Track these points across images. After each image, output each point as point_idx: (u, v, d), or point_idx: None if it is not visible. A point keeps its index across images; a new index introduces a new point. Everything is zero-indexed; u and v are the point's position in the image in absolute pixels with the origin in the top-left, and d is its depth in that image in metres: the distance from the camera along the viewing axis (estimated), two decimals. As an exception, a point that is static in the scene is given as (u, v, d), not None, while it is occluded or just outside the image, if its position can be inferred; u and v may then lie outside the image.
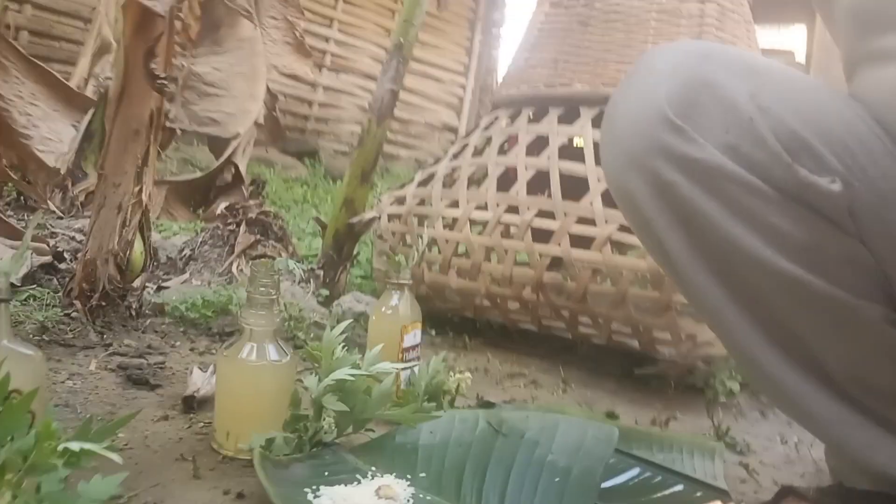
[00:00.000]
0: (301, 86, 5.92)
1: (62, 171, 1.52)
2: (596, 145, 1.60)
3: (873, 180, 0.79)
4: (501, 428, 0.99)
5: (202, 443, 0.98)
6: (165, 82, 1.31)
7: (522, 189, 1.62)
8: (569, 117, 1.68)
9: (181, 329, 1.42)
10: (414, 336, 1.19)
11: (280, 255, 1.79)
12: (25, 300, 1.36)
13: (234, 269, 1.71)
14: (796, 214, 0.79)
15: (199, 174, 2.85)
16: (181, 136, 3.33)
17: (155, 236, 2.44)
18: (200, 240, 1.83)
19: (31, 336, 1.22)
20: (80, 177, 2.69)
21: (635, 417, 1.36)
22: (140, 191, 1.34)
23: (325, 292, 1.70)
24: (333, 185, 4.86)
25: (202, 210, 2.81)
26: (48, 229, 2.12)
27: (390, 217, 1.81)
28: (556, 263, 1.58)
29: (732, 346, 0.88)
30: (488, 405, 1.21)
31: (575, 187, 1.57)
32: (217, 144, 3.03)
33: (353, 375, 0.94)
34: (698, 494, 1.01)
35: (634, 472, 1.06)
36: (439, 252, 1.70)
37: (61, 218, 2.46)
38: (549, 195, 1.59)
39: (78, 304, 1.32)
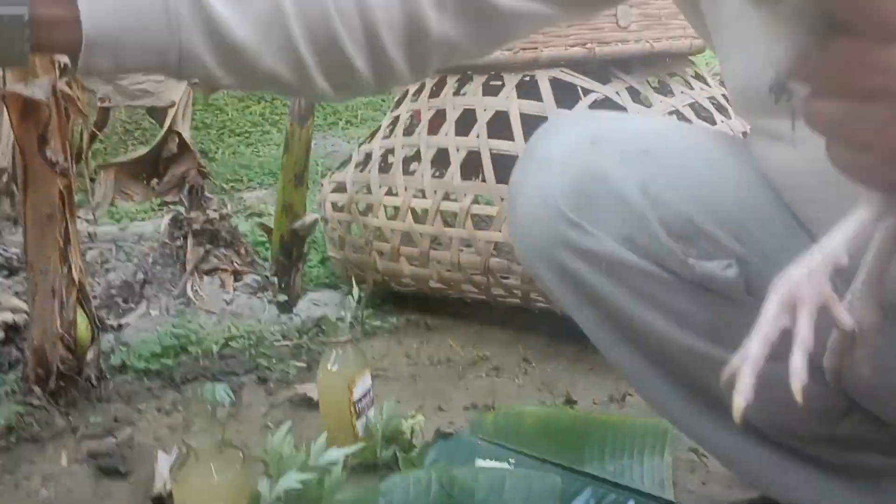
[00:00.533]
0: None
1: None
2: (523, 117, 1.57)
3: (771, 254, 0.79)
4: (453, 490, 1.04)
5: (176, 551, 1.04)
6: (66, 166, 1.27)
7: (457, 173, 1.60)
8: (493, 89, 1.64)
9: (145, 385, 1.45)
10: (363, 384, 1.23)
11: (233, 263, 1.79)
12: (-14, 390, 1.39)
13: (188, 290, 1.73)
14: (696, 296, 0.80)
15: (142, 150, 2.80)
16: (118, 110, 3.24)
17: (113, 230, 2.44)
18: (152, 260, 1.82)
19: (-2, 440, 1.26)
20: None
21: (593, 396, 1.42)
22: (69, 269, 1.33)
23: (282, 297, 1.72)
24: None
25: (156, 184, 2.79)
26: None
27: (334, 206, 1.80)
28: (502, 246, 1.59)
29: (655, 405, 0.92)
30: (446, 436, 1.26)
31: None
32: (157, 114, 2.96)
33: (301, 481, 0.99)
34: (647, 511, 1.08)
35: (587, 494, 1.12)
36: (385, 241, 1.70)
37: (14, 223, 2.44)
38: (484, 178, 1.57)
39: (37, 389, 1.35)
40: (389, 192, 1.70)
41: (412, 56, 0.78)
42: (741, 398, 0.50)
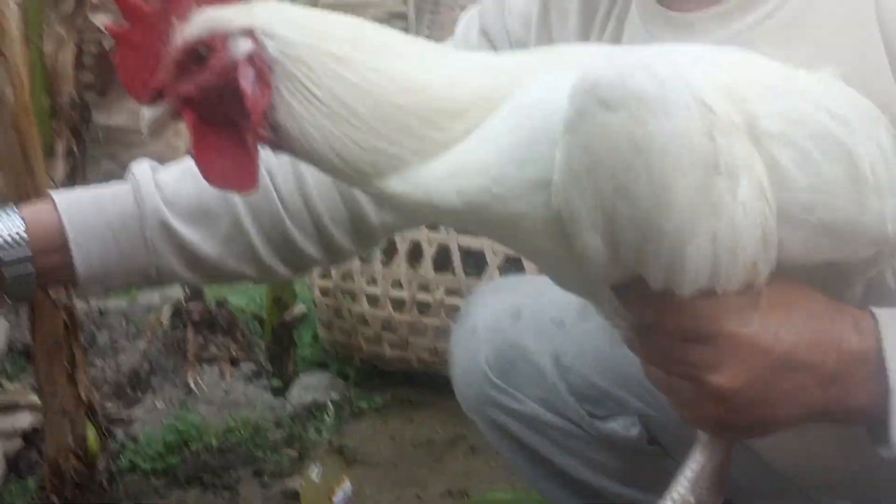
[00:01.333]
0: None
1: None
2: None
3: (669, 407, 0.92)
4: None
5: None
6: (67, 301, 1.41)
7: (429, 267, 1.73)
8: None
9: (152, 485, 1.60)
10: (343, 493, 1.36)
11: (230, 351, 1.93)
12: (10, 500, 1.54)
13: (190, 381, 1.87)
14: (608, 448, 0.93)
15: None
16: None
17: (122, 304, 2.59)
18: (156, 349, 1.97)
19: (21, 553, 1.41)
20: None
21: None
22: (77, 390, 1.48)
23: (276, 383, 1.86)
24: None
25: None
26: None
27: (321, 291, 1.92)
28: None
29: None
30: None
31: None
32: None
33: None
34: None
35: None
36: (369, 325, 1.83)
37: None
38: (454, 272, 1.70)
39: (54, 498, 1.49)
40: (370, 282, 1.83)
41: (358, 238, 0.91)
42: None
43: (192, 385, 1.86)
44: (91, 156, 2.66)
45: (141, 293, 2.68)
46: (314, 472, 1.34)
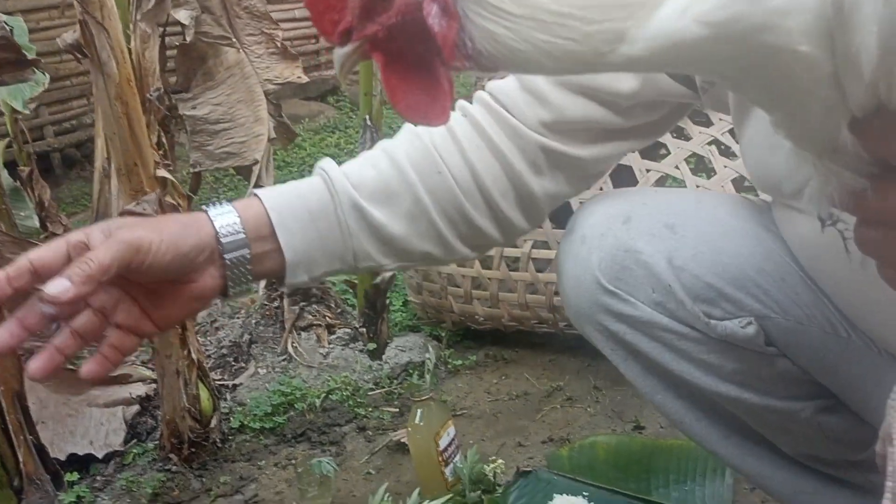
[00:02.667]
0: (301, 24, 5.90)
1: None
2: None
3: (787, 309, 0.91)
4: (531, 530, 1.20)
5: None
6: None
7: (516, 221, 1.75)
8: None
9: (262, 443, 1.66)
10: (447, 436, 1.39)
11: (325, 318, 1.99)
12: (132, 460, 1.62)
13: (289, 347, 1.93)
14: (724, 350, 0.92)
15: (234, 208, 3.03)
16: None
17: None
18: (255, 321, 2.04)
19: (147, 505, 1.49)
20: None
21: (660, 420, 1.55)
22: (189, 352, 1.55)
23: (371, 346, 1.90)
24: (361, 125, 4.94)
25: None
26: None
27: (409, 256, 1.97)
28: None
29: (697, 442, 1.05)
30: (525, 474, 1.41)
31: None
32: (243, 170, 3.19)
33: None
34: (708, 535, 1.21)
35: (654, 522, 1.26)
36: (459, 286, 1.86)
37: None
38: (541, 225, 1.71)
39: (174, 456, 1.57)
40: (457, 242, 1.86)
41: (526, 212, 0.95)
42: None
43: (292, 351, 1.92)
44: (178, 144, 2.78)
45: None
46: (418, 417, 1.37)
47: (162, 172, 1.50)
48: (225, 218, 0.82)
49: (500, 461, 1.38)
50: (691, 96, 0.93)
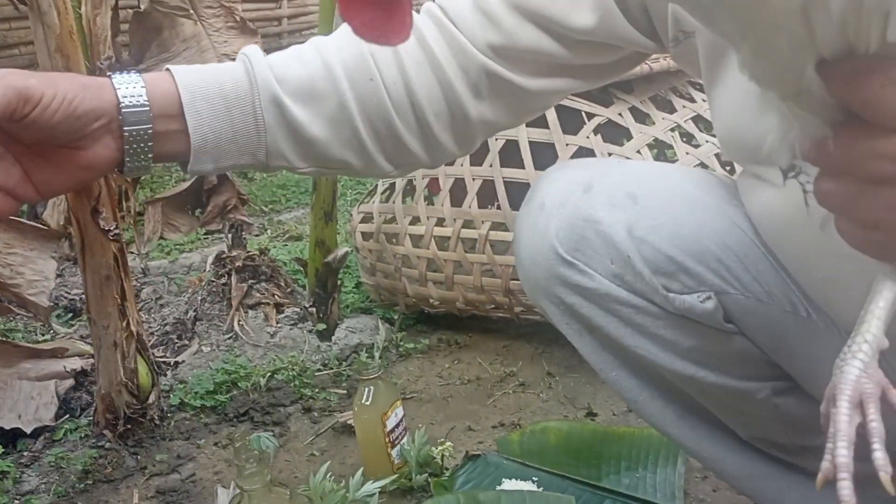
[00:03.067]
0: (264, 4, 5.79)
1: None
2: (532, 145, 1.66)
3: (747, 285, 0.88)
4: (479, 513, 1.16)
5: (239, 580, 1.18)
6: (118, 232, 1.41)
7: (474, 202, 1.70)
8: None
9: (202, 422, 1.59)
10: (395, 417, 1.34)
11: (274, 297, 1.93)
12: (63, 436, 1.54)
13: (235, 325, 1.86)
14: (681, 325, 0.89)
15: (184, 185, 2.95)
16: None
17: (164, 263, 2.60)
18: (201, 297, 1.97)
19: (76, 483, 1.41)
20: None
21: (612, 408, 1.52)
22: (128, 324, 1.48)
23: (321, 326, 1.85)
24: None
25: (200, 213, 2.93)
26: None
27: (363, 235, 1.91)
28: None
29: (650, 423, 1.02)
30: (474, 458, 1.37)
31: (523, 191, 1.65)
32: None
33: (342, 516, 1.11)
34: (659, 521, 1.19)
35: (604, 508, 1.23)
36: (413, 267, 1.81)
37: (74, 264, 2.61)
38: (499, 206, 1.67)
39: (108, 433, 1.50)
40: (413, 221, 1.81)
41: (458, 136, 0.91)
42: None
43: (238, 330, 1.85)
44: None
45: (182, 254, 2.70)
46: (366, 396, 1.32)
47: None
48: (130, 88, 0.77)
49: (448, 444, 1.34)
50: (648, 47, 0.91)
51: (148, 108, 0.77)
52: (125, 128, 0.76)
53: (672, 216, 0.89)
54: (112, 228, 1.40)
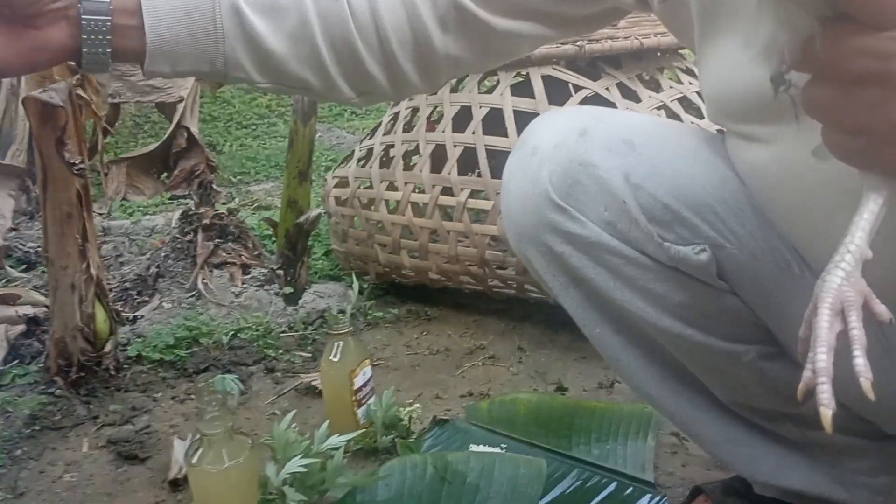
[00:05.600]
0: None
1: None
2: (517, 114, 1.63)
3: (742, 240, 0.86)
4: (446, 474, 1.12)
5: (191, 530, 1.12)
6: (83, 167, 1.34)
7: (454, 169, 1.67)
8: (488, 87, 1.70)
9: (160, 375, 1.53)
10: (363, 375, 1.30)
11: (241, 257, 1.87)
12: (11, 381, 1.47)
13: (199, 283, 1.80)
14: (672, 279, 0.87)
15: (152, 145, 2.87)
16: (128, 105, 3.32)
17: (126, 224, 2.52)
18: (164, 254, 1.91)
19: (22, 428, 1.35)
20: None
21: (583, 384, 1.50)
22: (88, 266, 1.41)
23: (288, 290, 1.80)
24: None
25: (166, 178, 2.86)
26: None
27: (337, 200, 1.87)
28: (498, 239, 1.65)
29: (630, 383, 0.99)
30: (442, 423, 1.34)
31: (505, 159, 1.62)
32: (166, 109, 3.02)
33: (305, 465, 1.07)
34: (629, 492, 1.16)
35: (573, 476, 1.20)
36: (387, 234, 1.77)
37: (30, 218, 2.52)
38: (480, 174, 1.64)
39: (59, 380, 1.43)
40: (390, 187, 1.77)
41: (422, 69, 0.88)
42: (827, 410, 0.53)
43: (202, 288, 1.79)
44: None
45: (145, 216, 2.63)
46: (334, 352, 1.28)
47: (76, 62, 1.36)
48: None
49: (416, 406, 1.31)
50: (628, 3, 0.89)
51: (108, 0, 0.75)
52: (83, 16, 0.75)
53: (670, 165, 0.86)
54: (77, 162, 1.34)
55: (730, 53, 0.80)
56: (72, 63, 1.37)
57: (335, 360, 1.29)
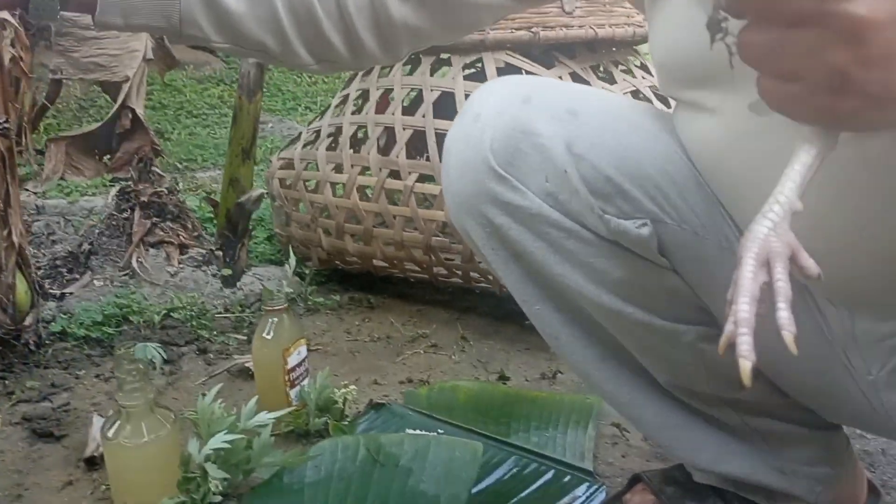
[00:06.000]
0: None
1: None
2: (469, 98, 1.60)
3: (684, 216, 0.84)
4: (379, 456, 1.08)
5: (105, 510, 1.06)
6: (7, 126, 1.27)
7: (402, 152, 1.63)
8: (440, 70, 1.67)
9: (85, 352, 1.46)
10: (298, 355, 1.25)
11: (179, 237, 1.80)
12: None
13: (133, 262, 1.73)
14: (613, 254, 0.84)
15: (94, 125, 2.76)
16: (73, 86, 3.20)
17: (62, 203, 2.42)
18: (98, 231, 1.83)
19: (-69, 402, 1.26)
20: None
21: (525, 374, 1.47)
22: (9, 233, 1.34)
23: (226, 272, 1.74)
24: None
25: (108, 160, 2.75)
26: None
27: (281, 183, 1.81)
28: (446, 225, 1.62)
29: (570, 363, 0.96)
30: (378, 406, 1.29)
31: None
32: (110, 87, 2.91)
33: (230, 441, 1.01)
34: (566, 480, 1.13)
35: (510, 463, 1.17)
36: (331, 218, 1.72)
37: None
38: (429, 158, 1.60)
39: (-27, 352, 1.35)
40: (336, 169, 1.72)
41: (381, 38, 0.87)
42: (746, 362, 0.50)
43: (136, 266, 1.72)
44: (41, 48, 2.50)
45: (83, 196, 2.53)
46: (268, 328, 1.23)
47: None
48: None
49: (351, 387, 1.26)
50: None
51: None
52: None
53: (613, 137, 0.84)
54: (2, 122, 1.26)
55: (676, 12, 0.78)
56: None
57: (268, 337, 1.23)
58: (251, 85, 1.68)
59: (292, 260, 1.29)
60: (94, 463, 1.15)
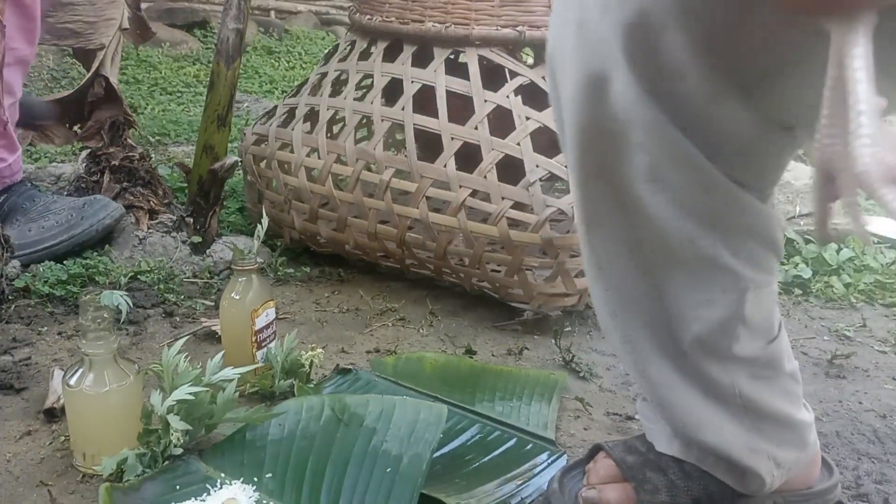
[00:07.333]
0: (180, -52, 5.53)
1: None
2: (449, 94, 1.58)
3: None
4: (343, 416, 1.08)
5: (64, 460, 1.05)
6: (-20, 75, 1.25)
7: (380, 145, 1.60)
8: (424, 57, 1.64)
9: (48, 310, 1.44)
10: (266, 317, 1.25)
11: (149, 202, 1.78)
12: None
13: (101, 225, 1.71)
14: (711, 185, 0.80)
15: (66, 92, 2.72)
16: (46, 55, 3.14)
17: (30, 168, 2.38)
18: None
19: None
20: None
21: (492, 349, 1.47)
22: (-23, 184, 1.31)
23: (196, 239, 1.72)
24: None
25: (79, 129, 2.71)
26: None
27: (255, 158, 1.79)
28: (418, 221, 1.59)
29: (604, 285, 0.91)
30: (345, 371, 1.29)
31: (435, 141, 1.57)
32: (84, 56, 2.87)
33: (193, 394, 1.01)
34: (528, 447, 1.14)
35: (474, 430, 1.18)
36: (304, 202, 1.69)
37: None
38: (406, 155, 1.58)
39: (-68, 305, 1.33)
40: (311, 153, 1.69)
41: None
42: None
43: (103, 229, 1.70)
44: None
45: (50, 164, 2.49)
46: (237, 288, 1.22)
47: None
48: None
49: (319, 350, 1.26)
50: None
51: None
52: None
53: None
54: (-26, 69, 1.24)
55: None
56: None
57: (236, 297, 1.23)
58: (230, 51, 1.66)
59: (264, 220, 1.28)
60: (53, 415, 1.14)
